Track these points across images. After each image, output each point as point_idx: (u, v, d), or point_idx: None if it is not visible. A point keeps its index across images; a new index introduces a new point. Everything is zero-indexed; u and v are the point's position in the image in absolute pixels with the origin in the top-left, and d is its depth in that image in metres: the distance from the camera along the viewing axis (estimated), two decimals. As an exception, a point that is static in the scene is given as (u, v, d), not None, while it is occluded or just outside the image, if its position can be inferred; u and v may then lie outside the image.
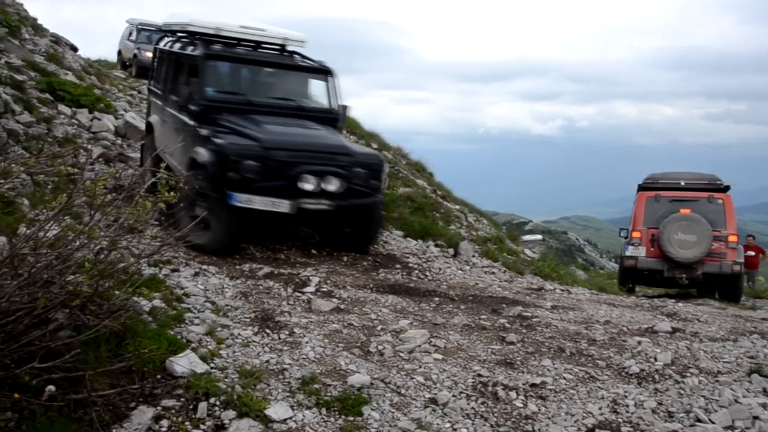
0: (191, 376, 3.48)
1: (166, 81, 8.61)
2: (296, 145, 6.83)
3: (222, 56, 7.80)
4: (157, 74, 9.38)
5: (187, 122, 7.38)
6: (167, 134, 8.31)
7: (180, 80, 7.94)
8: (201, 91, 7.32)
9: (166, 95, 8.45)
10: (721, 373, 4.37)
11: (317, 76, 8.24)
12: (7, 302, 3.01)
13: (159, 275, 5.16)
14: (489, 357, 4.48)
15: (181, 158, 7.47)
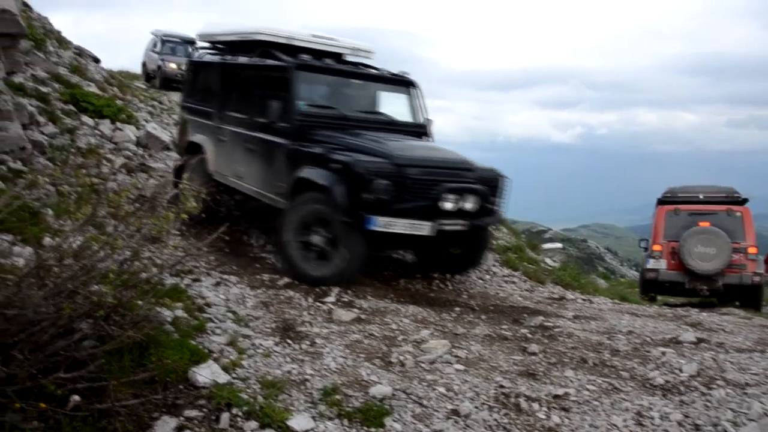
0: (213, 386, 3.49)
1: (220, 96, 7.92)
2: (431, 161, 6.26)
3: (313, 67, 7.17)
4: (197, 89, 8.68)
5: (277, 141, 6.74)
6: (231, 155, 7.60)
7: (254, 95, 7.26)
8: (293, 106, 6.68)
9: (222, 112, 7.81)
10: (749, 385, 4.29)
11: (401, 88, 7.77)
12: (33, 312, 3.04)
13: (181, 285, 5.18)
14: (511, 368, 4.44)
15: (269, 180, 6.86)
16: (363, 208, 5.77)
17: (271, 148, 6.85)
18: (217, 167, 7.84)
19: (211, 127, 8.02)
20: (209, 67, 8.52)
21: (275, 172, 6.74)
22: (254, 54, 7.51)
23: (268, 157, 6.91)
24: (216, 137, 7.92)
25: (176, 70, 18.72)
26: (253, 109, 7.16)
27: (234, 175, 7.47)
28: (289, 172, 6.47)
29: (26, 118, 7.89)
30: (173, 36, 20.77)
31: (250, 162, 7.21)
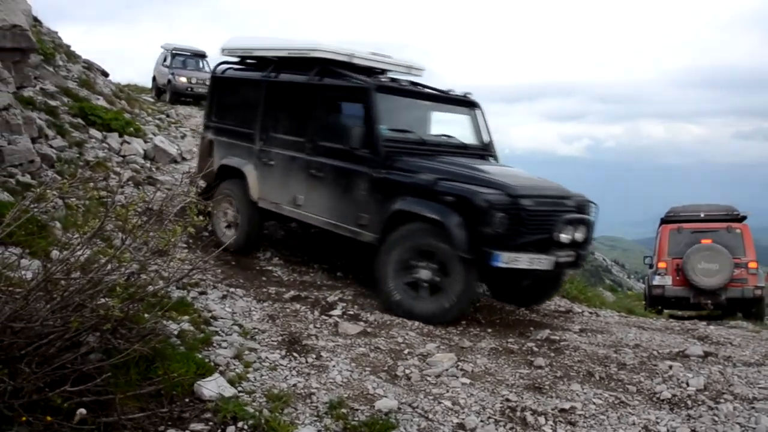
0: (219, 399, 3.49)
1: (265, 116, 7.35)
2: (540, 191, 5.95)
3: (393, 89, 6.78)
4: (228, 107, 8.06)
5: (356, 169, 6.25)
6: (284, 181, 7.03)
7: (317, 117, 6.81)
8: (376, 131, 6.20)
9: (267, 133, 7.27)
10: (757, 400, 4.26)
11: (465, 109, 7.36)
12: (40, 326, 3.06)
13: (187, 298, 5.21)
14: (517, 381, 4.43)
15: (346, 211, 6.37)
16: (484, 243, 5.42)
17: (349, 176, 6.34)
18: (262, 194, 7.28)
19: (253, 150, 7.41)
20: (247, 84, 7.85)
21: (355, 203, 6.25)
22: (312, 72, 6.93)
23: (343, 186, 6.39)
24: (260, 161, 7.31)
25: (186, 84, 18.81)
26: (318, 133, 6.72)
27: (289, 203, 6.94)
28: (378, 203, 6.05)
29: (35, 131, 7.97)
30: (183, 49, 20.69)
31: (314, 190, 6.69)
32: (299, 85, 7.11)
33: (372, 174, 6.12)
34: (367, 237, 6.14)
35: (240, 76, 8.07)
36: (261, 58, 7.85)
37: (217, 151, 7.98)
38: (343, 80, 6.73)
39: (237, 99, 8.03)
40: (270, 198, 7.22)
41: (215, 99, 8.29)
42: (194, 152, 12.39)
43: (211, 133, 8.17)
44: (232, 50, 8.09)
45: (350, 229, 6.31)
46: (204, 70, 20.05)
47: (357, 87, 6.55)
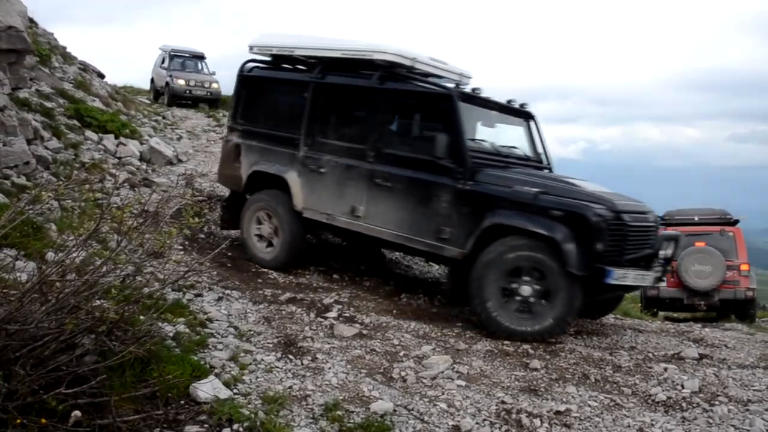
0: (215, 401, 3.49)
1: (312, 120, 6.89)
2: (634, 207, 5.77)
3: (472, 98, 6.36)
4: (262, 109, 7.57)
5: (438, 180, 5.96)
6: (339, 191, 6.61)
7: (383, 123, 6.54)
8: (462, 141, 5.93)
9: (314, 138, 6.85)
10: (752, 402, 4.28)
11: (521, 120, 7.14)
12: (35, 328, 3.05)
13: (183, 300, 5.20)
14: (513, 383, 4.44)
15: (424, 224, 6.04)
16: (597, 259, 5.26)
17: (427, 187, 6.02)
18: (309, 203, 6.83)
19: (296, 156, 6.93)
20: (288, 84, 7.41)
21: (435, 215, 5.95)
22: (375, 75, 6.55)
23: (419, 198, 6.08)
24: (306, 168, 6.86)
25: (185, 86, 18.44)
26: (385, 140, 6.42)
27: (346, 214, 6.53)
28: (465, 217, 5.79)
29: (31, 133, 7.95)
30: (182, 51, 20.30)
31: (380, 201, 6.33)
32: (360, 89, 6.72)
33: (456, 186, 5.84)
34: (451, 252, 5.87)
35: (278, 76, 7.54)
36: (293, 58, 7.42)
37: (247, 156, 7.43)
38: (419, 86, 6.44)
39: (272, 100, 7.56)
40: (319, 208, 6.75)
41: (243, 100, 7.70)
42: (190, 154, 12.38)
43: (238, 136, 7.59)
44: (265, 48, 7.52)
45: (428, 243, 6.00)
46: (203, 71, 19.79)
47: (438, 94, 6.28)
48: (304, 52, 7.18)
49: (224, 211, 8.00)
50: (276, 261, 7.09)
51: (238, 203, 7.65)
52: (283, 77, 7.50)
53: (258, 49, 7.55)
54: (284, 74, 7.52)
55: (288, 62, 7.60)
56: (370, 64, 6.59)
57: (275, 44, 7.41)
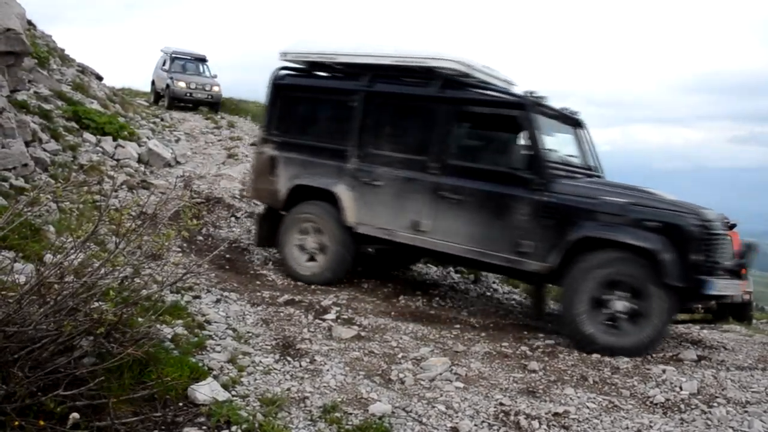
0: (213, 403, 3.49)
1: (363, 131, 6.59)
2: (715, 216, 5.55)
3: (543, 107, 6.16)
4: (301, 119, 7.19)
5: (514, 192, 5.75)
6: (399, 204, 6.33)
7: (444, 133, 6.20)
8: (538, 151, 5.74)
9: (366, 149, 6.56)
10: (750, 404, 4.28)
11: (571, 128, 6.89)
12: (33, 330, 3.05)
13: (181, 302, 5.20)
14: (511, 385, 4.44)
15: (499, 238, 5.80)
16: (696, 271, 5.13)
17: (503, 200, 5.80)
18: (362, 218, 6.55)
19: (345, 168, 6.63)
20: (333, 93, 7.01)
21: (512, 229, 5.73)
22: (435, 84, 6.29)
23: (494, 211, 5.85)
24: (357, 181, 6.56)
25: (185, 89, 18.27)
26: (450, 151, 6.17)
27: (407, 229, 6.26)
28: (547, 229, 5.58)
29: (29, 135, 7.95)
30: (183, 53, 20.08)
31: (447, 215, 6.07)
32: (420, 98, 6.42)
33: (536, 197, 5.64)
34: (533, 266, 5.67)
35: (320, 84, 7.16)
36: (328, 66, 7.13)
37: (285, 169, 7.05)
38: (489, 94, 6.22)
39: (313, 110, 7.20)
40: (375, 223, 6.48)
41: (278, 109, 7.27)
42: (189, 156, 12.39)
43: (273, 148, 7.18)
44: (301, 55, 7.11)
45: (505, 257, 5.78)
46: (204, 74, 19.60)
47: (511, 102, 6.04)
48: (349, 59, 6.82)
49: (261, 228, 7.55)
50: (321, 277, 6.80)
51: (275, 218, 7.34)
52: (326, 86, 7.10)
53: (293, 56, 7.18)
54: (328, 82, 7.12)
55: (323, 70, 7.28)
56: (424, 72, 6.37)
57: (313, 51, 7.04)
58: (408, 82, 6.56)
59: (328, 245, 6.76)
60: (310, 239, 6.91)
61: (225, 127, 16.04)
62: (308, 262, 6.94)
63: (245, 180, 11.01)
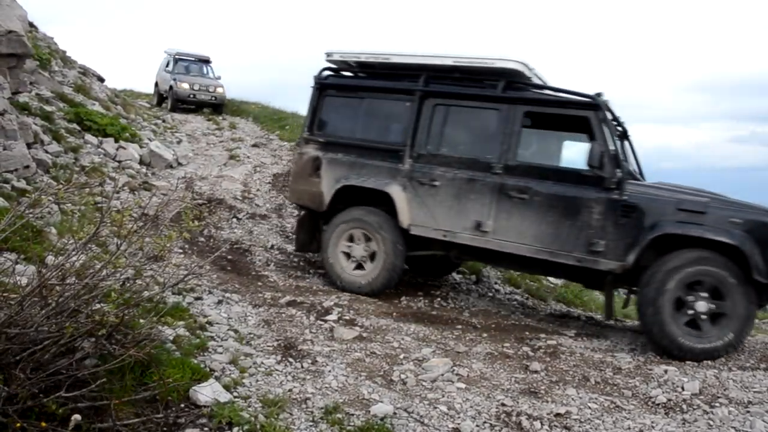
0: (215, 405, 3.49)
1: (419, 130, 6.49)
2: None
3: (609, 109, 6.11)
4: (349, 119, 7.06)
5: (587, 191, 5.72)
6: (459, 205, 6.22)
7: (508, 133, 6.13)
8: (612, 149, 5.73)
9: (420, 149, 6.46)
10: (752, 404, 4.28)
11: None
12: (35, 331, 3.06)
13: (183, 303, 5.20)
14: (513, 386, 4.44)
15: (571, 238, 5.77)
16: None
17: (575, 199, 5.77)
18: (419, 220, 6.43)
19: (399, 169, 6.53)
20: (387, 93, 6.86)
21: (584, 228, 5.71)
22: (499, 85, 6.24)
23: (564, 210, 5.80)
24: (413, 182, 6.45)
25: (189, 91, 18.00)
26: (515, 151, 6.12)
27: (468, 230, 6.18)
28: (622, 228, 5.57)
29: (31, 136, 7.96)
30: (187, 55, 19.82)
31: (513, 215, 6.00)
32: (482, 98, 6.33)
33: (611, 196, 5.64)
34: (609, 265, 5.64)
35: (371, 84, 7.01)
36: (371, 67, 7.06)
37: (330, 170, 6.89)
38: (557, 95, 6.17)
39: (362, 110, 6.98)
40: (433, 225, 6.37)
41: (322, 109, 7.16)
42: (190, 157, 12.39)
43: (316, 148, 7.04)
44: (351, 55, 7.00)
45: (578, 257, 5.74)
46: (208, 76, 19.35)
47: (583, 103, 5.95)
48: (404, 59, 6.75)
49: (300, 232, 7.44)
50: (374, 285, 6.59)
51: (315, 222, 7.27)
52: (378, 86, 6.94)
53: (339, 56, 7.07)
54: (380, 83, 6.96)
55: (367, 71, 7.21)
56: (485, 73, 6.34)
57: (364, 52, 6.97)
58: (464, 83, 6.49)
59: (379, 251, 6.57)
60: (359, 245, 6.74)
61: (226, 129, 16.05)
62: (355, 270, 6.75)
63: (247, 181, 11.03)
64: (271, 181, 11.48)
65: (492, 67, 6.24)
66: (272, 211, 9.87)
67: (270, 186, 11.22)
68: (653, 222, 5.46)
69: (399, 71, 6.85)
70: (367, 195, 6.70)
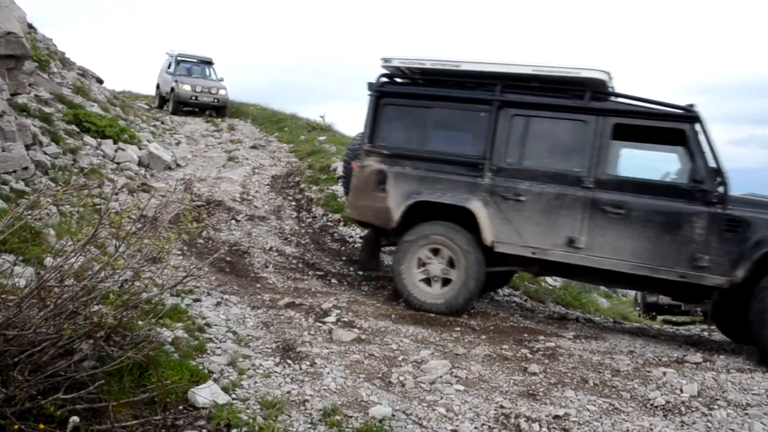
0: (213, 407, 3.49)
1: (499, 143, 6.21)
2: None
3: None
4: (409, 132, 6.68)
5: (688, 206, 5.63)
6: (550, 220, 6.00)
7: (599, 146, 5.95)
8: (713, 163, 5.68)
9: (505, 164, 6.18)
10: (751, 406, 4.28)
11: None
12: (33, 333, 3.06)
13: (181, 305, 5.20)
14: (511, 388, 4.43)
15: (671, 253, 5.66)
16: None
17: (679, 214, 5.65)
18: (503, 237, 6.14)
19: (479, 184, 6.21)
20: (459, 102, 6.50)
21: (687, 243, 5.61)
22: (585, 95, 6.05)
23: (664, 225, 5.69)
24: (496, 197, 6.15)
25: (190, 92, 17.82)
26: (607, 164, 5.96)
27: (559, 247, 5.97)
28: (728, 243, 5.50)
29: (29, 138, 7.97)
30: (189, 56, 19.59)
31: (608, 230, 5.84)
32: (569, 109, 6.11)
33: (715, 210, 5.55)
34: (714, 280, 5.55)
35: (443, 94, 6.56)
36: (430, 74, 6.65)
37: (398, 184, 6.47)
38: (652, 107, 5.98)
39: (433, 121, 6.59)
40: (519, 241, 6.11)
41: (384, 119, 6.72)
42: (189, 159, 12.40)
43: (379, 161, 6.60)
44: (413, 61, 6.57)
45: (681, 272, 5.63)
46: (210, 77, 19.12)
47: (680, 115, 5.82)
48: (476, 67, 6.34)
49: (366, 250, 7.14)
50: (452, 304, 6.28)
51: (376, 239, 7.03)
52: (448, 95, 6.52)
53: (399, 63, 6.58)
54: (449, 91, 6.54)
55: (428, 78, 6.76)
56: (565, 83, 6.13)
57: (428, 58, 6.53)
58: (541, 92, 6.25)
59: (460, 268, 6.26)
60: (436, 262, 6.40)
61: (225, 130, 16.06)
62: (429, 287, 6.44)
63: (245, 183, 11.04)
64: (269, 183, 11.50)
65: (575, 76, 6.00)
66: (271, 213, 9.88)
67: (269, 188, 11.23)
68: (762, 236, 5.42)
69: (469, 79, 6.52)
70: (439, 210, 6.39)
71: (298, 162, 12.88)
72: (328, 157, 12.51)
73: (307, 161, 12.66)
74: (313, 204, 10.51)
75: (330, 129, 15.56)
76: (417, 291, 6.40)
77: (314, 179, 11.53)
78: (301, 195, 10.96)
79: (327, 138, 14.28)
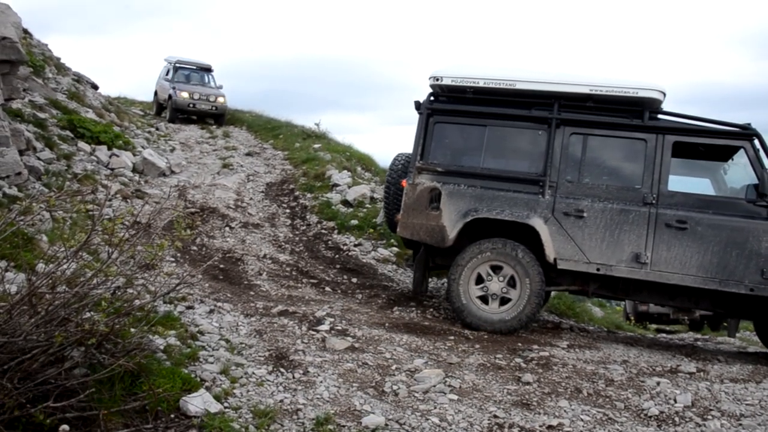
0: (205, 415, 3.46)
1: (556, 162, 6.24)
2: None
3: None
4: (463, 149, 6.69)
5: (756, 221, 5.77)
6: (615, 237, 6.02)
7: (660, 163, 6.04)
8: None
9: (565, 181, 6.21)
10: (744, 416, 4.28)
11: None
12: (23, 340, 3.03)
13: (174, 312, 5.17)
14: (505, 397, 4.42)
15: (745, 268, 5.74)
16: None
17: (745, 228, 5.77)
18: (566, 254, 6.13)
19: (539, 201, 6.21)
20: (515, 120, 6.49)
21: (755, 257, 5.72)
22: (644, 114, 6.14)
23: (734, 239, 5.78)
24: (558, 214, 6.15)
25: (188, 100, 17.47)
26: (667, 181, 6.03)
27: (625, 263, 5.99)
28: None
29: (23, 143, 7.94)
30: (187, 63, 19.26)
31: (673, 246, 5.90)
32: (629, 127, 6.20)
33: None
34: None
35: (498, 112, 6.50)
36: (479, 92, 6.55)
37: (453, 202, 6.39)
38: (708, 125, 6.10)
39: (484, 138, 6.54)
40: (582, 258, 6.10)
41: (436, 137, 6.66)
42: (183, 165, 12.37)
43: (432, 179, 6.52)
44: (466, 79, 6.49)
45: (750, 285, 5.73)
46: (209, 85, 18.85)
47: (739, 133, 5.99)
48: (532, 86, 6.36)
49: (418, 271, 6.91)
50: (514, 323, 6.20)
51: (426, 259, 6.88)
52: (504, 113, 6.49)
53: (452, 80, 6.50)
54: (504, 110, 6.51)
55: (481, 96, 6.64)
56: (622, 102, 6.23)
57: (482, 76, 6.47)
58: (597, 110, 6.32)
59: (523, 286, 6.21)
60: (496, 280, 6.32)
61: (220, 137, 16.05)
62: (485, 305, 6.33)
63: (240, 190, 11.02)
64: (264, 190, 11.48)
65: (633, 96, 6.10)
66: (265, 220, 9.86)
67: (263, 195, 11.22)
68: None
69: (524, 98, 6.49)
70: (494, 229, 6.39)
71: (292, 169, 12.88)
72: (323, 164, 12.51)
73: (302, 169, 12.65)
74: (307, 212, 10.50)
75: (325, 137, 15.55)
76: (479, 310, 6.31)
77: (309, 187, 11.52)
78: (296, 202, 10.96)
79: (322, 146, 14.28)
